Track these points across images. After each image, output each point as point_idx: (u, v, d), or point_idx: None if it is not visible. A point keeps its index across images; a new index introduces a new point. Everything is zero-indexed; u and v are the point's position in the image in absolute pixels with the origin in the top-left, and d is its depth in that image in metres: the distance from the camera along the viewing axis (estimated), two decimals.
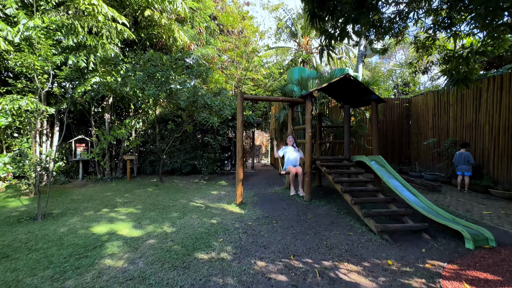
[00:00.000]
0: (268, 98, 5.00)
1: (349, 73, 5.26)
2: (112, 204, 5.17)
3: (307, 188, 5.13)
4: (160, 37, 7.90)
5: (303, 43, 14.71)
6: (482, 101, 6.27)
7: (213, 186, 7.17)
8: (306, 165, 5.16)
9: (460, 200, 5.17)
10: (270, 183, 7.51)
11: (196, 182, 7.80)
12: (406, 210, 3.65)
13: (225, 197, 5.72)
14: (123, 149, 8.44)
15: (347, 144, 5.39)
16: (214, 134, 8.92)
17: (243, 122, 4.80)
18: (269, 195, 5.88)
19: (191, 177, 8.74)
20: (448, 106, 7.39)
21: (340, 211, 4.43)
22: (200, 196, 5.90)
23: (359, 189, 4.16)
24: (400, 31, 7.46)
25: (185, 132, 8.88)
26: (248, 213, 4.39)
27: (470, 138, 6.53)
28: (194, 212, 4.53)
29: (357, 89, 5.66)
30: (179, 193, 6.17)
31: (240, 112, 4.78)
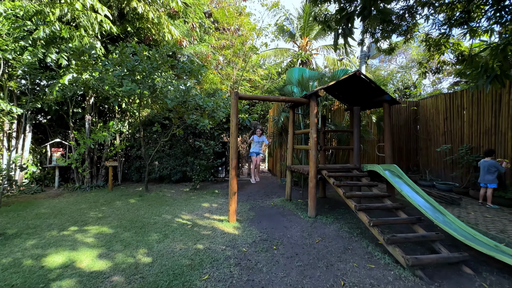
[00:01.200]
0: (266, 97, 4.34)
1: (360, 71, 4.61)
2: (83, 221, 4.38)
3: (312, 202, 4.41)
4: (148, 32, 7.20)
5: (302, 44, 14.15)
6: (503, 104, 5.68)
7: (205, 196, 6.41)
8: (311, 175, 4.46)
9: (487, 216, 4.51)
10: (268, 193, 6.78)
11: (186, 191, 7.03)
12: (438, 234, 2.96)
13: (217, 211, 4.96)
14: (106, 154, 7.64)
15: (357, 151, 4.71)
16: (207, 139, 8.19)
17: (238, 125, 4.09)
18: (267, 208, 5.14)
19: (181, 185, 7.96)
20: (461, 110, 6.80)
21: (352, 231, 3.72)
22: (188, 209, 5.13)
23: (376, 206, 3.46)
24: (409, 29, 6.91)
25: (174, 136, 8.13)
26: (243, 234, 3.64)
27: (489, 145, 5.92)
28: (178, 232, 3.77)
29: (367, 89, 5.02)
30: (164, 206, 5.39)
31: (234, 114, 4.08)
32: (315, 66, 14.30)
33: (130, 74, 4.38)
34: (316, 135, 4.46)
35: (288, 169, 5.75)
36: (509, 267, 2.60)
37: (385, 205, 3.48)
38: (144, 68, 4.32)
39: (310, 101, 4.57)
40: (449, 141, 7.13)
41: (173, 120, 5.86)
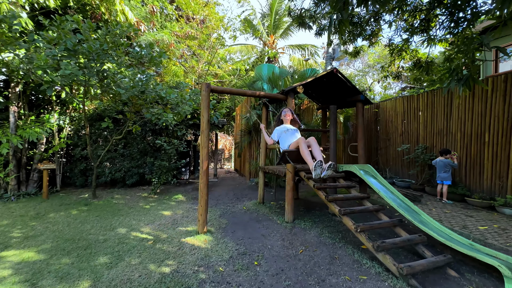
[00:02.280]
0: (242, 91, 3.89)
1: (337, 69, 4.48)
2: (0, 243, 3.33)
3: (289, 206, 4.12)
4: (96, 9, 6.06)
5: (269, 42, 13.99)
6: (453, 107, 6.23)
7: (167, 202, 5.66)
8: (288, 177, 4.16)
9: (446, 212, 4.82)
10: (238, 195, 6.33)
11: (144, 196, 6.14)
12: (421, 237, 2.91)
13: (182, 220, 4.33)
14: (40, 155, 6.25)
15: (333, 151, 4.58)
16: (169, 137, 7.35)
17: (208, 122, 3.56)
18: (240, 214, 4.70)
19: (137, 189, 6.98)
20: (418, 112, 7.33)
21: (333, 236, 3.53)
22: (147, 219, 4.38)
23: (360, 209, 3.31)
24: (374, 33, 7.16)
25: (130, 134, 7.09)
26: (217, 249, 3.14)
27: (441, 145, 6.45)
28: (135, 251, 3.08)
29: (342, 88, 4.95)
30: (117, 216, 4.53)
31: (206, 108, 3.53)
32: (281, 65, 14.28)
33: (71, 55, 3.43)
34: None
35: (261, 170, 5.40)
36: (485, 265, 2.65)
37: (366, 207, 3.36)
38: (89, 47, 3.41)
39: (288, 97, 4.27)
40: (406, 141, 7.65)
41: (128, 114, 4.98)
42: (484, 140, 5.51)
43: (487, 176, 5.43)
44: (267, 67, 8.78)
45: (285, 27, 14.62)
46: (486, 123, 5.50)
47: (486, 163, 5.46)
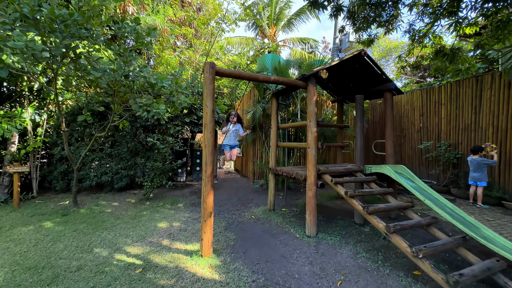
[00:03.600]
0: (255, 76, 3.09)
1: (365, 51, 3.73)
2: None
3: (312, 217, 3.37)
4: None
5: (270, 34, 13.18)
6: (484, 100, 5.56)
7: (161, 209, 4.85)
8: (310, 181, 3.40)
9: (489, 220, 4.14)
10: (243, 200, 5.56)
11: (134, 203, 5.31)
12: (499, 262, 2.20)
13: (180, 234, 3.54)
14: (10, 156, 5.35)
15: (360, 150, 3.84)
16: (163, 134, 6.51)
17: (213, 113, 2.76)
18: (249, 224, 3.93)
19: (127, 194, 6.13)
20: (439, 106, 6.65)
21: (373, 256, 2.79)
22: (137, 234, 3.57)
23: (411, 224, 2.57)
24: (391, 19, 6.42)
25: (118, 131, 6.23)
26: (228, 280, 2.36)
27: (469, 142, 5.79)
28: (117, 285, 2.28)
29: (368, 75, 4.20)
30: (100, 231, 3.71)
31: (210, 95, 2.74)
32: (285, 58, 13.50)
33: (30, 24, 2.58)
34: (316, 128, 3.41)
35: (271, 172, 4.63)
36: None
37: (418, 221, 2.62)
38: (51, 13, 2.52)
39: (308, 84, 3.50)
40: (425, 138, 6.98)
41: (113, 106, 4.14)
42: None
43: None
44: (271, 57, 8.00)
45: (287, 20, 13.83)
46: None
47: None
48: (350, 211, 4.57)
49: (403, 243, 2.29)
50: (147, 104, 3.59)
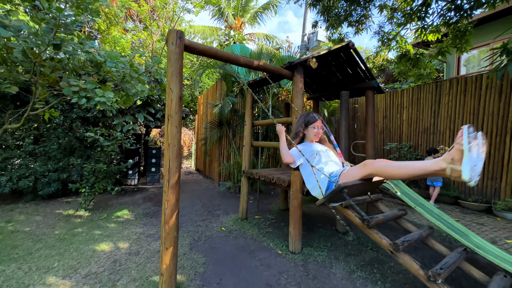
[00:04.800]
0: (235, 57, 2.41)
1: (353, 43, 3.40)
2: None
3: (297, 230, 2.89)
4: None
5: (236, 25, 12.45)
6: (442, 104, 5.89)
7: (104, 224, 3.81)
8: (296, 188, 2.91)
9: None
10: (209, 207, 4.83)
11: (66, 216, 4.12)
12: (506, 278, 2.01)
13: (129, 261, 2.68)
14: None
15: (345, 152, 3.51)
16: (109, 128, 5.32)
17: (181, 100, 2.03)
18: (219, 240, 3.26)
19: (58, 204, 4.81)
20: (401, 109, 6.93)
21: (370, 275, 2.43)
22: (65, 265, 2.59)
23: (415, 238, 2.26)
24: (360, 19, 6.44)
25: (44, 122, 4.84)
26: None
27: (427, 144, 6.11)
28: None
29: (352, 70, 3.91)
30: (6, 263, 2.59)
31: (176, 75, 2.00)
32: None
33: None
34: None
35: (245, 176, 4.03)
36: None
37: (419, 234, 2.34)
38: None
39: (295, 74, 2.99)
40: (388, 139, 7.23)
41: (34, 89, 2.99)
42: None
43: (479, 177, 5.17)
44: (240, 48, 7.37)
45: (253, 12, 13.29)
46: (478, 121, 5.22)
47: None
48: (329, 217, 4.27)
49: (414, 264, 1.95)
50: (85, 89, 2.61)
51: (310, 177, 1.96)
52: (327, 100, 6.05)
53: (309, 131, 2.04)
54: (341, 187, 1.46)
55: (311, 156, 1.92)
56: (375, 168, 1.45)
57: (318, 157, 1.93)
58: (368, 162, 1.50)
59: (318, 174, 1.81)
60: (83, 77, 3.11)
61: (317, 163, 1.89)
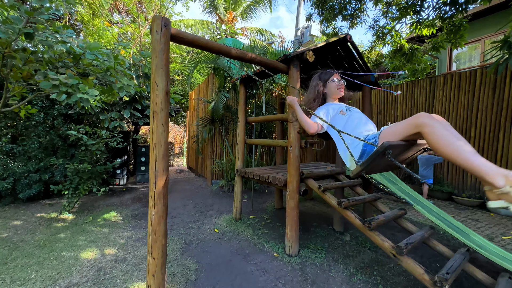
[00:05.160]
0: (226, 49, 2.22)
1: (350, 35, 3.25)
2: None
3: (294, 232, 2.76)
4: None
5: (228, 19, 12.14)
6: (436, 100, 5.87)
7: (89, 228, 3.59)
8: (292, 188, 2.78)
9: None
10: (201, 207, 4.66)
11: (48, 220, 3.87)
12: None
13: (115, 269, 2.49)
14: None
15: None
16: (93, 126, 5.04)
17: (167, 95, 1.84)
18: (212, 243, 3.10)
19: (40, 206, 4.54)
20: (396, 104, 6.89)
21: (370, 278, 2.33)
22: (44, 276, 2.38)
23: (419, 240, 2.16)
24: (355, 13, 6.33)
25: (20, 119, 4.52)
26: None
27: None
28: None
29: (348, 64, 3.78)
30: None
31: (162, 67, 1.81)
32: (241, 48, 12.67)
33: None
34: (299, 123, 2.78)
35: (239, 175, 3.87)
36: None
37: (422, 235, 2.24)
38: None
39: (291, 68, 2.84)
40: None
41: (6, 83, 2.71)
42: (470, 135, 5.23)
43: None
44: (232, 41, 7.15)
45: (245, 5, 12.97)
46: (472, 117, 5.21)
47: None
48: (324, 215, 4.17)
49: (418, 268, 1.85)
50: (65, 84, 2.36)
51: (339, 143, 1.59)
52: None
53: (330, 86, 1.72)
54: (385, 146, 1.19)
55: (339, 112, 1.62)
56: (428, 123, 1.17)
57: (349, 112, 1.62)
58: (421, 115, 1.23)
59: (348, 139, 1.50)
60: (61, 70, 2.86)
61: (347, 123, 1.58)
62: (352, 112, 1.65)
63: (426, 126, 1.18)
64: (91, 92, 2.65)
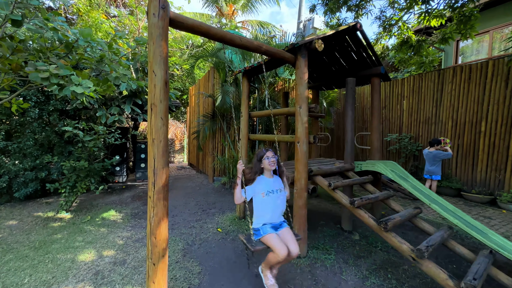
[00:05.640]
0: (230, 37, 2.08)
1: (360, 23, 3.06)
2: None
3: (302, 232, 2.61)
4: None
5: (228, 12, 11.85)
6: (445, 93, 5.67)
7: (87, 227, 3.45)
8: (300, 186, 2.62)
9: None
10: (203, 205, 4.52)
11: (45, 220, 3.73)
12: None
13: (113, 273, 2.35)
14: None
15: (351, 144, 3.22)
16: (91, 121, 4.87)
17: (166, 86, 1.66)
18: (216, 244, 2.96)
19: (37, 205, 4.40)
20: (401, 99, 6.70)
21: (385, 282, 2.19)
22: (38, 281, 2.25)
23: (438, 242, 2.01)
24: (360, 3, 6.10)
25: (12, 115, 4.35)
26: None
27: (429, 135, 5.92)
28: None
29: (357, 56, 3.59)
30: None
31: (160, 55, 1.63)
32: None
33: None
34: (307, 118, 2.61)
35: None
36: None
37: (441, 235, 2.09)
38: None
39: (298, 58, 2.65)
40: (387, 130, 7.01)
41: None
42: (480, 129, 5.05)
43: (482, 168, 5.01)
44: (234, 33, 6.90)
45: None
46: (483, 110, 5.03)
47: (481, 155, 5.03)
48: (331, 213, 4.03)
49: (441, 273, 1.70)
50: (55, 74, 2.19)
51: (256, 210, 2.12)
52: (327, 89, 5.73)
53: (264, 163, 2.08)
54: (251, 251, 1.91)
55: (261, 194, 2.03)
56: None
57: (266, 197, 2.03)
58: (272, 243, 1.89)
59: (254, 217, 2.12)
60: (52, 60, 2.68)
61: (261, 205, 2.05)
62: (269, 198, 2.03)
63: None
64: (84, 84, 2.47)
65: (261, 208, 2.04)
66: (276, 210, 2.05)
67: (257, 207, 2.06)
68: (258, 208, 2.06)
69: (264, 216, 2.04)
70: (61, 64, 2.52)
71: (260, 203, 2.03)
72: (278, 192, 2.06)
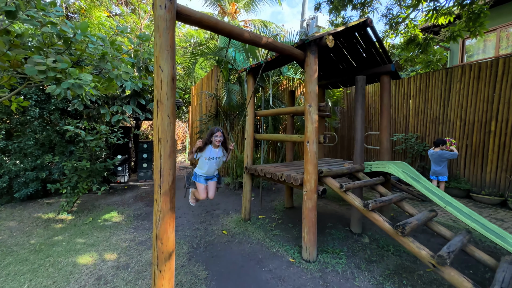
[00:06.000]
0: (239, 31, 1.99)
1: (371, 19, 2.96)
2: None
3: (312, 235, 2.51)
4: None
5: (230, 11, 11.75)
6: (453, 92, 5.56)
7: (89, 230, 3.36)
8: (310, 187, 2.52)
9: None
10: (206, 205, 4.43)
11: (46, 220, 3.65)
12: None
13: (116, 277, 2.26)
14: None
15: (360, 144, 3.12)
16: (91, 121, 4.78)
17: (173, 82, 1.56)
18: (222, 247, 2.86)
19: (37, 206, 4.31)
20: (408, 98, 6.58)
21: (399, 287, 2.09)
22: (38, 285, 2.16)
23: (459, 248, 1.91)
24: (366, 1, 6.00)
25: (13, 114, 4.27)
26: None
27: (436, 135, 5.80)
28: None
29: (365, 53, 3.48)
30: None
31: (167, 49, 1.53)
32: None
33: None
34: (317, 116, 2.51)
35: (248, 173, 3.62)
36: None
37: (461, 240, 1.98)
38: None
39: (308, 54, 2.56)
40: (393, 129, 6.90)
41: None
42: (490, 129, 4.93)
43: (491, 169, 4.90)
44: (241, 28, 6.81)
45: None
46: (493, 110, 4.91)
47: (490, 155, 4.91)
48: (338, 215, 3.93)
49: (465, 282, 1.60)
50: (52, 67, 2.10)
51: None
52: (333, 88, 5.62)
53: (213, 139, 2.76)
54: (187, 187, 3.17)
55: (205, 158, 2.82)
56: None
57: (207, 161, 2.82)
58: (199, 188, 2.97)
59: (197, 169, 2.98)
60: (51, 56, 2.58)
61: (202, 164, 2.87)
62: (210, 161, 2.82)
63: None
64: (84, 77, 2.36)
65: (202, 165, 2.86)
66: (211, 169, 2.86)
67: (200, 164, 2.88)
68: (200, 164, 2.88)
69: (202, 170, 2.88)
70: (58, 58, 2.43)
71: (202, 162, 2.84)
72: (216, 159, 2.84)
